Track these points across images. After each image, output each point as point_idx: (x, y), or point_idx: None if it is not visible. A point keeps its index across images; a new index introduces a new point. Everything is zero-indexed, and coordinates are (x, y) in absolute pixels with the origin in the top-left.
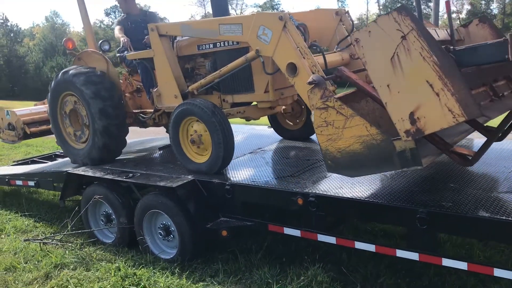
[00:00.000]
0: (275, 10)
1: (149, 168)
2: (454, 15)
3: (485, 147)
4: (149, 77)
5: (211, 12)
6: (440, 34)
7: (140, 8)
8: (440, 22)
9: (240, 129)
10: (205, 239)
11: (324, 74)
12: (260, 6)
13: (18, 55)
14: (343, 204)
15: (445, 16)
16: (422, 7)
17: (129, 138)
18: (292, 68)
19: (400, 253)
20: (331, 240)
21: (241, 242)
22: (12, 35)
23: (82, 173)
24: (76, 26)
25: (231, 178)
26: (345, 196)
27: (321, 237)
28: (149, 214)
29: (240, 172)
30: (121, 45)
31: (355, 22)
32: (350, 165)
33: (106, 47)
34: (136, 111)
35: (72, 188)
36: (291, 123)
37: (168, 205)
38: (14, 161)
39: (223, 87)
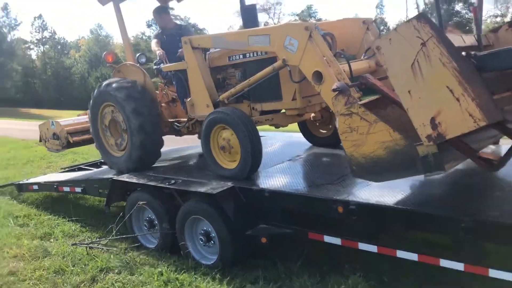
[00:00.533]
0: (312, 18)
1: (190, 175)
2: (498, 19)
3: (510, 152)
4: (183, 88)
5: None
6: (467, 40)
7: (175, 23)
8: (483, 27)
9: (278, 137)
10: (245, 246)
11: (349, 81)
12: (297, 15)
13: (64, 67)
14: (385, 212)
15: (488, 20)
16: (464, 11)
17: (166, 146)
18: (318, 76)
19: (444, 263)
20: (372, 248)
21: (281, 249)
22: (59, 47)
23: (126, 179)
24: (119, 38)
25: (270, 186)
26: (386, 204)
27: (362, 246)
28: (190, 220)
29: (279, 180)
30: (157, 58)
31: None
32: (375, 170)
33: (143, 59)
34: (172, 120)
35: (116, 194)
36: (321, 130)
37: (208, 211)
38: (61, 168)
39: (252, 96)
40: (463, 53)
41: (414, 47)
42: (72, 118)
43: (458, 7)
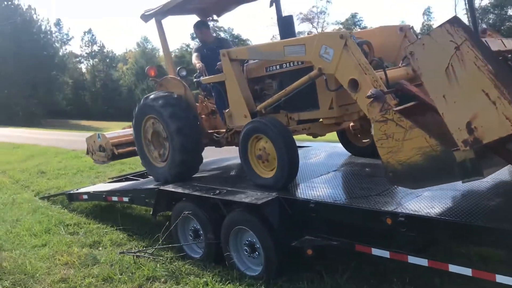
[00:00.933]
0: (357, 27)
1: (234, 185)
2: None
3: None
4: (221, 99)
5: None
6: (508, 44)
7: (215, 36)
8: None
9: (324, 147)
10: (290, 257)
11: (385, 88)
12: (341, 23)
13: (112, 79)
14: (436, 225)
15: None
16: None
17: (207, 157)
18: (354, 84)
19: (501, 279)
20: (423, 262)
21: (327, 261)
22: (107, 60)
23: (172, 189)
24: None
25: (316, 196)
26: (436, 216)
27: (412, 259)
28: (235, 231)
29: (325, 190)
30: (197, 71)
31: None
32: (412, 177)
33: (183, 73)
34: (211, 131)
35: (162, 204)
36: (361, 139)
37: (253, 222)
38: (109, 178)
39: (290, 105)
40: (501, 56)
41: (448, 51)
42: (117, 131)
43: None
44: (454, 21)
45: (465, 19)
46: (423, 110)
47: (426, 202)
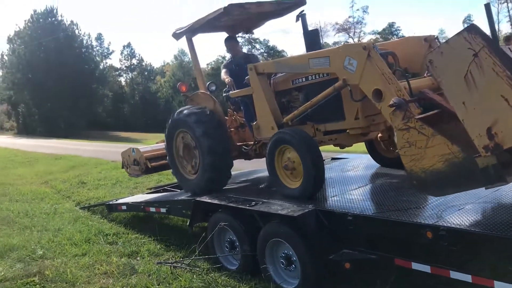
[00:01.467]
0: (394, 36)
1: (271, 196)
2: None
3: None
4: (250, 112)
5: (327, 42)
6: None
7: (243, 52)
8: None
9: (360, 159)
10: (327, 271)
11: (409, 97)
12: (379, 33)
13: (151, 92)
14: (478, 239)
15: None
16: None
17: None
18: (378, 94)
19: None
20: (466, 278)
21: (366, 275)
22: (146, 73)
23: (208, 200)
24: (201, 63)
25: (354, 209)
26: (479, 230)
27: (454, 274)
28: (271, 243)
29: (363, 203)
30: (227, 86)
31: None
32: (435, 184)
33: (213, 87)
34: (240, 144)
35: (199, 215)
36: (389, 150)
37: (289, 234)
38: (148, 189)
39: (316, 117)
40: None
41: (467, 59)
42: (151, 146)
43: None
44: (472, 28)
45: (507, 27)
46: (448, 118)
47: (469, 215)
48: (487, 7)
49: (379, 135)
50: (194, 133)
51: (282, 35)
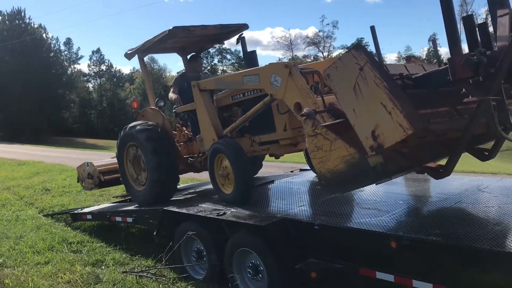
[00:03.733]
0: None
1: (240, 206)
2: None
3: (452, 159)
4: (195, 126)
5: (297, 54)
6: (427, 68)
7: (197, 71)
8: None
9: None
10: (294, 280)
11: (323, 109)
12: (347, 48)
13: (119, 98)
14: (440, 248)
15: None
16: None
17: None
18: (299, 107)
19: None
20: (427, 287)
21: (332, 285)
22: (115, 80)
23: (177, 210)
24: (173, 69)
25: (320, 219)
26: (441, 240)
27: (417, 283)
28: (238, 252)
29: (329, 213)
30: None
31: None
32: (339, 183)
33: (161, 104)
34: (187, 156)
35: (166, 225)
36: None
37: (257, 243)
38: (113, 197)
39: (252, 129)
40: (399, 75)
41: (354, 72)
42: (105, 160)
43: None
44: (358, 47)
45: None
46: (348, 125)
47: (432, 224)
48: (372, 29)
49: None
50: (144, 149)
51: (253, 46)
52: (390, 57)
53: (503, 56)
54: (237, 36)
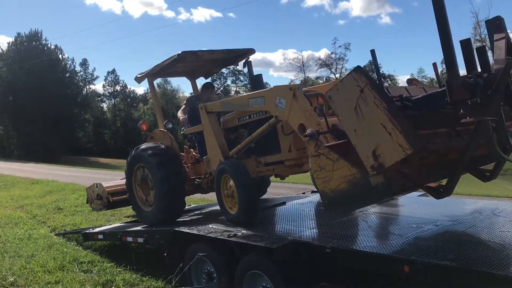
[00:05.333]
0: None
1: (251, 228)
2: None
3: (453, 179)
4: (202, 147)
5: (309, 76)
6: (429, 90)
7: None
8: None
9: None
10: None
11: (326, 130)
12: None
13: (133, 118)
14: (452, 273)
15: None
16: None
17: None
18: (303, 128)
19: None
20: None
21: None
22: (129, 100)
23: (188, 231)
24: (186, 90)
25: (332, 242)
26: (454, 265)
27: None
28: (249, 275)
29: (341, 236)
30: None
31: None
32: (342, 202)
33: (170, 125)
34: (194, 177)
35: (177, 245)
36: None
37: (267, 266)
38: (125, 217)
39: (258, 150)
40: (398, 96)
41: (355, 94)
42: (114, 181)
43: None
44: (358, 69)
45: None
46: (351, 145)
47: (445, 249)
48: (372, 53)
49: None
50: (150, 164)
51: (266, 67)
52: (403, 79)
53: (499, 78)
54: (244, 60)
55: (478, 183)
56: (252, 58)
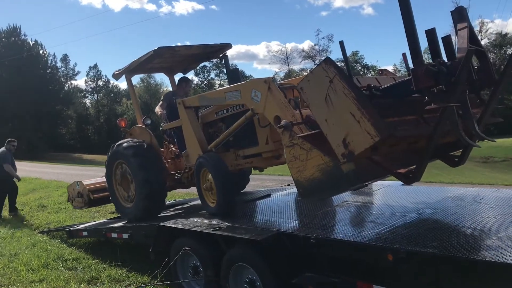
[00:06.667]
0: (358, 64)
1: (235, 221)
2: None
3: (421, 164)
4: (181, 142)
5: (293, 68)
6: (398, 80)
7: (187, 92)
8: None
9: None
10: None
11: (300, 121)
12: (343, 61)
13: (116, 114)
14: (435, 260)
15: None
16: None
17: None
18: (278, 120)
19: None
20: None
21: None
22: (112, 95)
23: (172, 225)
24: (169, 85)
25: (317, 232)
26: (437, 252)
27: None
28: (235, 268)
29: (326, 226)
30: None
31: None
32: (316, 190)
33: (148, 121)
34: (174, 172)
35: (162, 240)
36: None
37: (253, 258)
38: (110, 213)
39: (236, 144)
40: (366, 86)
41: (325, 84)
42: (95, 179)
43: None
44: (327, 60)
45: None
46: (323, 135)
47: (430, 236)
48: (341, 44)
49: None
50: (131, 165)
51: (249, 60)
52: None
53: (461, 66)
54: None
55: (460, 171)
56: (235, 50)
